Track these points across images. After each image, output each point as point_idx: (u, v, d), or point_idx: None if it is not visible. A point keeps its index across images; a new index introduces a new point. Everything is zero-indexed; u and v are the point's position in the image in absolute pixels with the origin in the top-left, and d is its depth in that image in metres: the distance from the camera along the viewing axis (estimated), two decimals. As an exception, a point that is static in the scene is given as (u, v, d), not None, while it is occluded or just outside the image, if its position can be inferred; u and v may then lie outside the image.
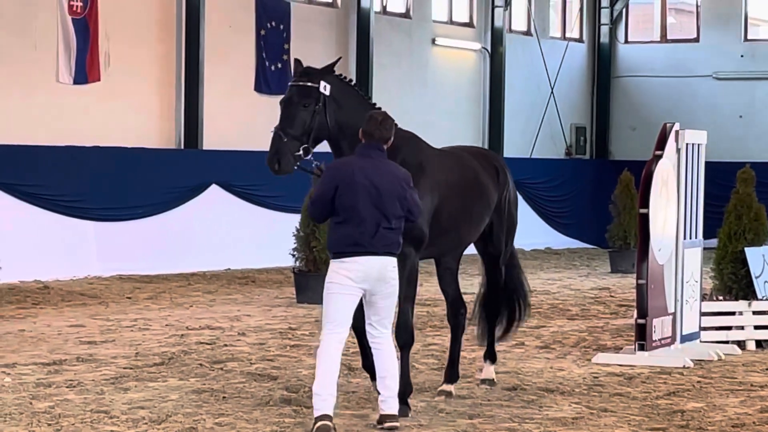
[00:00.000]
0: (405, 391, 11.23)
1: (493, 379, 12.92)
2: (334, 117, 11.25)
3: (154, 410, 11.41)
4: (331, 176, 10.37)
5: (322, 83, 11.24)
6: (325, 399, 10.05)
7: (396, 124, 11.42)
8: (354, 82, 12.04)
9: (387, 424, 10.05)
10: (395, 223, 10.29)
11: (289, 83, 11.52)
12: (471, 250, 12.91)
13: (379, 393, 10.55)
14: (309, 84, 11.22)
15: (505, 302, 13.21)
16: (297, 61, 11.60)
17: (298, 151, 11.15)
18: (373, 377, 11.09)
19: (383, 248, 10.23)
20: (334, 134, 11.35)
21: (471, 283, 24.89)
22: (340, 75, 11.65)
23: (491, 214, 12.48)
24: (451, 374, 12.56)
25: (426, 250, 11.67)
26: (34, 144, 24.91)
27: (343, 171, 10.36)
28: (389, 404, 10.28)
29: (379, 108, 11.56)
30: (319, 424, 9.91)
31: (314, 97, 11.17)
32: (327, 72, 11.44)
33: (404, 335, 11.30)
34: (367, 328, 10.46)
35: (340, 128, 11.31)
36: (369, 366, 11.36)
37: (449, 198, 11.67)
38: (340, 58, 12.47)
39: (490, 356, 13.10)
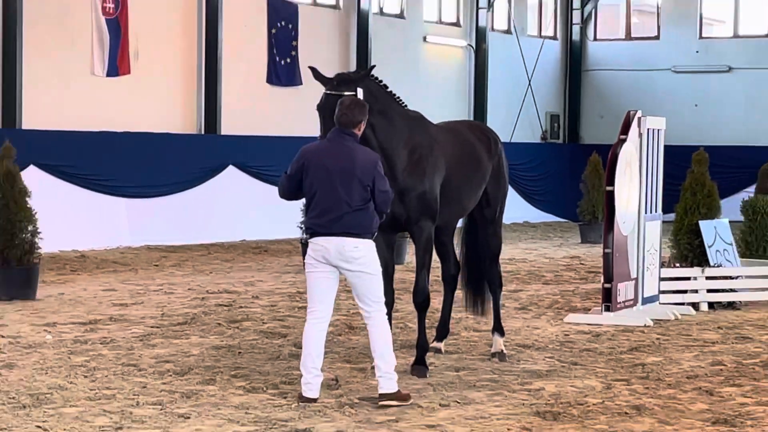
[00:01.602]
0: (423, 351, 11.11)
1: (503, 351, 12.13)
2: (369, 120, 10.44)
3: (177, 363, 11.43)
4: (299, 159, 9.78)
5: (359, 90, 10.58)
6: (308, 382, 9.68)
7: (405, 106, 11.29)
8: (384, 84, 11.33)
9: (381, 402, 9.61)
10: (358, 205, 9.57)
11: (325, 92, 10.56)
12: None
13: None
14: (346, 93, 10.39)
15: (494, 265, 12.69)
16: (313, 69, 10.85)
17: None
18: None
19: (341, 229, 9.54)
20: (368, 135, 10.54)
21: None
22: (375, 79, 11.12)
23: (487, 181, 12.14)
24: (442, 332, 12.48)
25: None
26: (71, 130, 24.90)
27: (309, 155, 9.77)
28: (381, 383, 9.68)
29: (398, 98, 11.27)
30: (301, 403, 9.61)
31: None
32: (363, 78, 10.84)
33: (419, 298, 11.15)
34: (358, 305, 9.97)
35: (373, 130, 10.70)
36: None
37: (454, 171, 11.43)
38: (374, 66, 11.83)
39: (498, 330, 12.37)
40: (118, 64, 26.00)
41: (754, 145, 36.74)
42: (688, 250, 16.64)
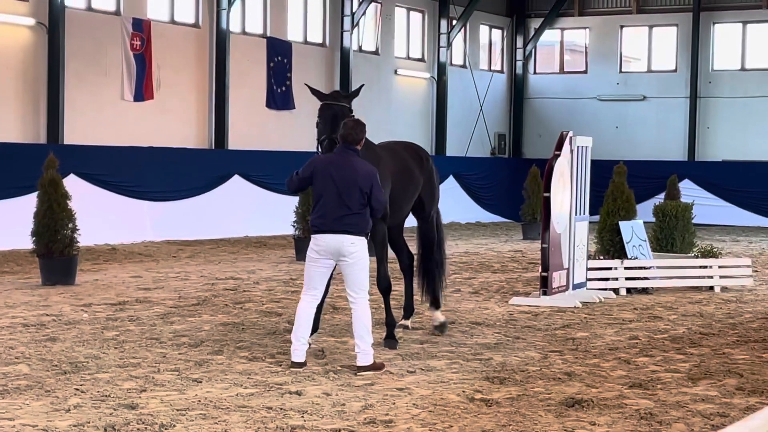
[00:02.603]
0: (391, 328, 11.09)
1: (444, 322, 12.13)
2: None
3: (192, 337, 11.40)
4: (311, 166, 9.82)
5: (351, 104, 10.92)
6: (297, 348, 9.72)
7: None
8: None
9: (358, 373, 9.60)
10: (357, 209, 9.61)
11: (328, 102, 10.84)
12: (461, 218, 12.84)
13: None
14: (345, 105, 10.81)
15: (438, 251, 12.45)
16: (309, 87, 11.10)
17: None
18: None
19: (340, 228, 9.59)
20: None
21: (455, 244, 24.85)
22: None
23: (420, 190, 12.00)
24: (408, 311, 12.43)
25: None
26: (104, 145, 24.82)
27: (319, 164, 9.81)
28: (360, 358, 9.64)
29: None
30: (291, 370, 9.61)
31: (347, 114, 10.69)
32: (355, 95, 11.19)
33: (383, 284, 11.07)
34: (346, 291, 9.94)
35: None
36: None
37: (395, 184, 11.37)
38: (362, 85, 11.89)
39: (435, 304, 12.31)
40: (143, 90, 25.97)
41: (664, 159, 36.94)
42: (610, 245, 16.69)
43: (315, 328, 11.94)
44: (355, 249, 9.67)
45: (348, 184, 9.63)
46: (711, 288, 16.67)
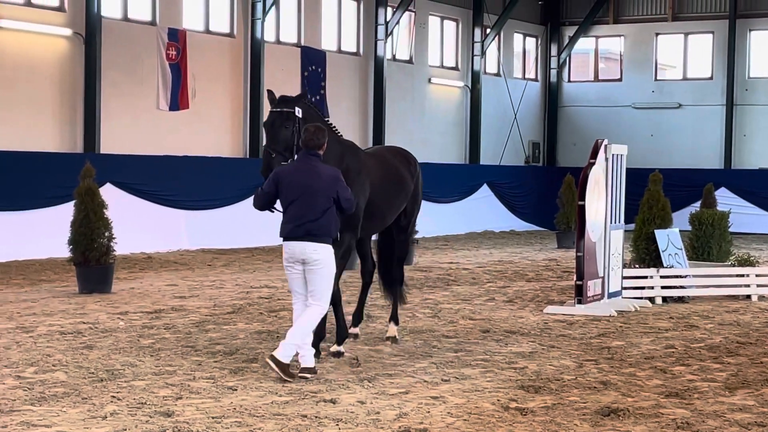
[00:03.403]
0: (340, 339, 10.91)
1: (395, 337, 11.85)
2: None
3: (227, 345, 11.44)
4: (273, 178, 9.74)
5: (297, 108, 10.43)
6: (303, 356, 9.61)
7: (339, 135, 11.00)
8: (318, 109, 11.25)
9: (267, 360, 9.51)
10: (319, 214, 9.55)
11: (271, 110, 10.44)
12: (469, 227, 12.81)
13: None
14: (287, 110, 10.36)
15: (401, 266, 12.21)
16: (270, 91, 10.69)
17: (286, 162, 10.17)
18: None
19: (303, 234, 9.54)
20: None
21: (456, 255, 24.94)
22: (309, 104, 10.91)
23: (409, 198, 11.83)
24: (358, 318, 12.10)
25: (361, 232, 11.17)
26: (140, 154, 24.98)
27: (282, 175, 9.71)
28: (281, 347, 9.50)
29: (333, 126, 11.06)
30: (299, 376, 9.55)
31: (292, 119, 10.32)
32: (299, 99, 10.65)
33: (332, 296, 10.65)
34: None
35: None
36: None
37: (378, 192, 11.16)
38: (306, 90, 11.51)
39: (394, 319, 12.04)
40: (178, 100, 26.09)
41: (699, 168, 36.72)
42: (646, 253, 16.61)
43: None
44: (318, 257, 9.61)
45: (312, 191, 9.58)
46: (748, 297, 16.54)
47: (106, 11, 24.55)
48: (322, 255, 9.63)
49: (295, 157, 10.15)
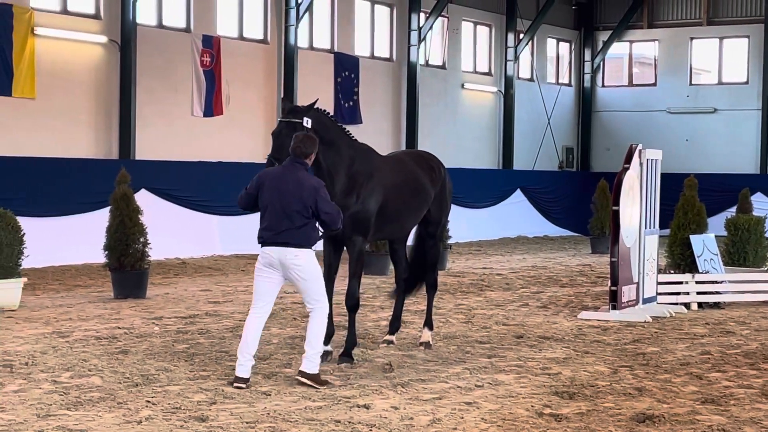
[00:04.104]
0: (350, 345, 10.84)
1: (429, 342, 11.80)
2: (320, 148, 10.26)
3: (260, 350, 11.42)
4: (257, 180, 9.70)
5: (305, 119, 10.38)
6: (242, 364, 9.49)
7: (354, 140, 10.94)
8: (332, 116, 11.06)
9: (298, 378, 9.49)
10: (298, 222, 9.40)
11: (279, 119, 10.45)
12: (496, 233, 12.78)
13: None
14: (294, 120, 10.34)
15: (434, 271, 12.18)
16: (284, 99, 10.88)
17: None
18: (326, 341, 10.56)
19: (282, 240, 9.42)
20: (319, 160, 10.46)
21: (490, 261, 24.88)
22: (322, 110, 10.80)
23: (430, 204, 11.71)
24: (394, 326, 12.07)
25: (375, 235, 11.20)
26: (175, 160, 25.11)
27: (265, 177, 9.66)
28: (304, 363, 9.53)
29: (348, 131, 11.02)
30: (235, 385, 9.43)
31: (298, 130, 10.20)
32: (308, 109, 10.57)
33: (350, 301, 10.86)
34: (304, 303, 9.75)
35: (323, 156, 10.50)
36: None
37: (393, 197, 11.06)
38: (317, 100, 11.49)
39: (428, 324, 12.00)
40: (213, 106, 26.23)
41: (735, 172, 36.48)
42: (681, 259, 16.52)
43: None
44: (299, 262, 9.50)
45: (291, 198, 9.46)
46: (784, 303, 16.41)
47: (141, 18, 24.71)
48: (303, 260, 9.51)
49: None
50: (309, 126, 10.36)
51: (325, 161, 10.50)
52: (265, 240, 9.57)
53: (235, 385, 9.45)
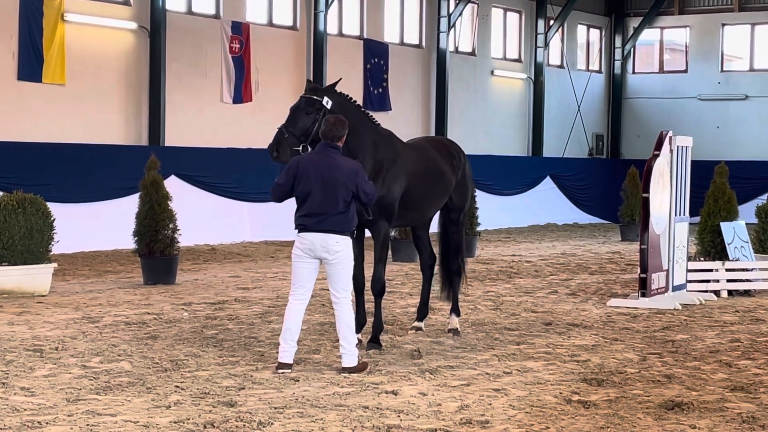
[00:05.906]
0: (378, 331, 10.83)
1: (457, 329, 11.80)
2: None
3: (289, 336, 11.48)
4: (291, 169, 9.54)
5: (325, 98, 10.31)
6: (285, 350, 9.53)
7: (377, 124, 10.87)
8: (354, 99, 10.90)
9: (343, 374, 9.43)
10: (341, 207, 9.40)
11: (301, 95, 10.48)
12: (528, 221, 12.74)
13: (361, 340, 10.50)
14: (314, 97, 10.30)
15: (457, 258, 12.05)
16: (309, 81, 10.70)
17: (297, 146, 10.13)
18: (358, 329, 10.62)
19: (326, 227, 9.38)
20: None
21: (519, 248, 24.81)
22: (343, 94, 10.69)
23: (451, 191, 11.66)
24: (422, 312, 12.06)
25: (398, 221, 11.21)
26: (204, 146, 25.18)
27: (300, 165, 9.52)
28: (344, 359, 9.50)
29: (372, 116, 10.97)
30: (279, 371, 9.46)
31: (317, 108, 10.22)
32: (330, 90, 10.53)
33: (376, 286, 10.85)
34: (330, 291, 9.70)
35: (346, 142, 10.18)
36: (358, 320, 10.72)
37: (415, 183, 11.01)
38: (340, 79, 11.41)
39: (456, 311, 11.98)
40: (242, 93, 26.28)
41: (766, 160, 36.19)
42: (711, 246, 16.42)
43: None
44: (340, 248, 9.47)
45: (332, 184, 9.39)
46: (816, 291, 16.29)
47: (170, 5, 24.78)
48: (343, 246, 9.52)
49: (307, 147, 10.02)
50: (329, 107, 10.31)
51: (348, 145, 10.29)
52: (306, 226, 9.50)
53: (279, 371, 9.47)
